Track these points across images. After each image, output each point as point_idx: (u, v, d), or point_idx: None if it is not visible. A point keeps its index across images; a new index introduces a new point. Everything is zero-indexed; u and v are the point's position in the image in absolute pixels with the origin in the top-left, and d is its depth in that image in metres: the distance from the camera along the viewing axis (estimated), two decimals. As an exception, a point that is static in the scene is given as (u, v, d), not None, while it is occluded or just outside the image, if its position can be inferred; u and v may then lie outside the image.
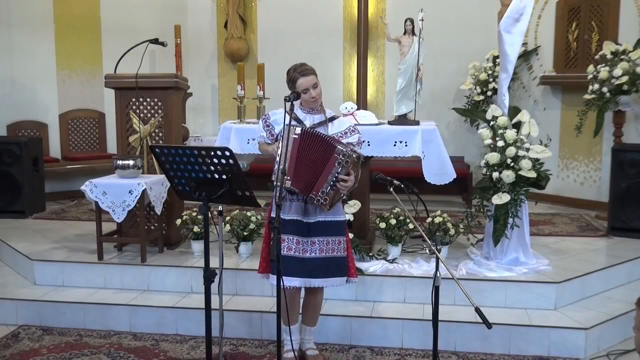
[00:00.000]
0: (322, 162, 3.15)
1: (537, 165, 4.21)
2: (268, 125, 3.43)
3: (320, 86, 3.35)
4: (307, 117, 3.36)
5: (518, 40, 4.38)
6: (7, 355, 3.79)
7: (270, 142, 3.42)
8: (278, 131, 3.37)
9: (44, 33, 7.21)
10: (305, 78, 3.28)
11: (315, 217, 3.30)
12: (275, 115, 3.42)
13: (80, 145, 7.55)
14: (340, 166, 3.11)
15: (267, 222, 3.46)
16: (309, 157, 3.16)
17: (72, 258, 4.68)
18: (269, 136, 3.42)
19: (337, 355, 3.79)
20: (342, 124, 3.41)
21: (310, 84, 3.28)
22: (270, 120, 3.43)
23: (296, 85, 3.29)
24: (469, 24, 7.27)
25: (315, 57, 4.55)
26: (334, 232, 3.35)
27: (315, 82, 3.31)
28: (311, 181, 3.17)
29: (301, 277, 3.30)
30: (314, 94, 3.30)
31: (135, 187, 4.43)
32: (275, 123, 3.40)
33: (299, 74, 3.30)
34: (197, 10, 8.21)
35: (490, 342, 3.80)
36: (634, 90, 5.60)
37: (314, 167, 3.16)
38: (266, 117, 3.47)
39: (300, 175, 3.16)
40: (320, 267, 3.31)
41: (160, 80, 4.90)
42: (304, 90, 3.28)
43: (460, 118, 7.36)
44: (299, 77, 3.29)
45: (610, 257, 4.75)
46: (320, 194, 3.15)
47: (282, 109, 3.41)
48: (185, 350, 3.89)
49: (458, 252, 4.70)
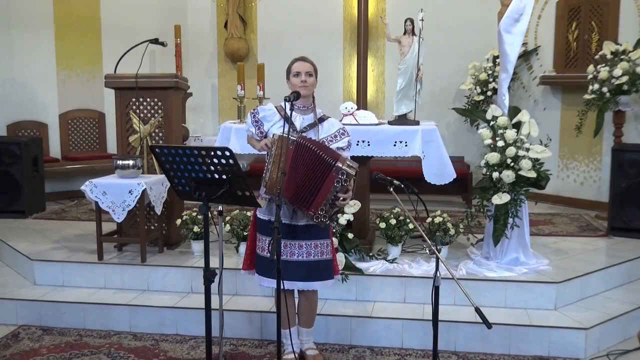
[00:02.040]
0: (319, 179, 3.08)
1: (537, 165, 4.21)
2: (257, 120, 3.37)
3: (315, 80, 3.32)
4: (297, 117, 3.31)
5: (518, 40, 4.38)
6: (7, 355, 3.79)
7: (259, 139, 3.37)
8: (267, 128, 3.34)
9: (44, 33, 7.21)
10: (299, 62, 3.29)
11: (302, 220, 3.28)
12: (265, 111, 3.39)
13: (80, 145, 7.55)
14: (339, 184, 3.05)
15: (253, 220, 3.46)
16: (303, 170, 3.11)
17: (72, 258, 4.68)
18: (258, 133, 3.37)
19: (337, 355, 3.79)
20: (332, 126, 3.35)
21: (303, 69, 3.27)
22: (260, 116, 3.38)
23: (290, 69, 3.29)
24: (469, 24, 7.27)
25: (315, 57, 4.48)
26: (321, 234, 3.33)
27: (310, 70, 3.28)
28: (306, 197, 3.11)
29: (289, 280, 3.28)
30: (304, 78, 3.26)
31: (135, 187, 4.43)
32: (265, 120, 3.36)
33: (296, 59, 3.31)
34: (197, 10, 8.22)
35: (490, 342, 3.80)
36: (634, 90, 5.60)
37: (310, 183, 3.10)
38: (255, 112, 3.41)
39: (290, 186, 3.11)
40: (306, 270, 3.30)
41: (160, 80, 4.90)
42: (295, 74, 3.27)
43: (460, 118, 7.36)
44: (295, 60, 3.30)
45: (610, 257, 4.75)
46: (319, 212, 3.10)
47: (271, 104, 3.42)
48: (185, 350, 3.89)
49: (458, 252, 4.70)
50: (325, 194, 3.07)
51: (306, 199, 3.12)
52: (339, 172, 3.04)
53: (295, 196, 3.14)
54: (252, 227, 3.45)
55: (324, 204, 3.09)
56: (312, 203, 3.11)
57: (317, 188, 3.09)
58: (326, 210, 3.11)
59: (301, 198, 3.13)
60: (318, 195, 3.09)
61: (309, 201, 3.11)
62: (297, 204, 3.16)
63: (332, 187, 3.06)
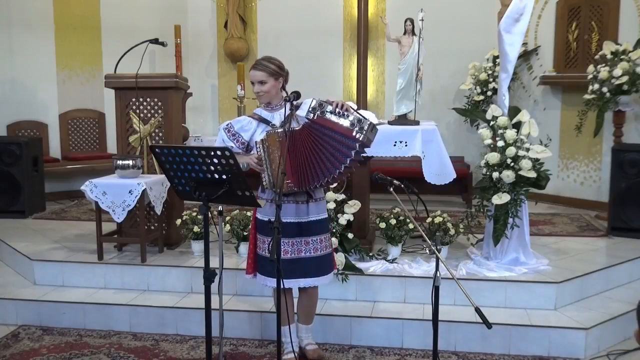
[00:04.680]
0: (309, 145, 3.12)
1: (537, 165, 4.21)
2: (234, 134, 3.32)
3: (273, 83, 3.26)
4: (274, 116, 3.31)
5: (518, 40, 4.38)
6: (7, 355, 3.79)
7: (241, 152, 3.31)
8: (248, 137, 3.31)
9: (44, 33, 7.21)
10: (251, 71, 3.27)
11: (307, 217, 3.31)
12: (239, 122, 3.35)
13: (80, 145, 7.55)
14: (314, 122, 3.08)
15: (252, 222, 3.45)
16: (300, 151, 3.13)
17: (72, 258, 4.68)
18: (240, 145, 3.32)
19: (337, 355, 3.79)
20: (305, 104, 3.24)
21: (255, 78, 3.26)
22: (236, 128, 3.32)
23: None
24: (469, 24, 7.26)
25: (316, 57, 4.52)
26: (323, 229, 3.38)
27: (262, 79, 3.24)
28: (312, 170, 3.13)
29: (296, 278, 3.31)
30: (256, 89, 3.26)
31: (135, 187, 4.43)
32: (242, 130, 3.32)
33: (253, 65, 3.30)
34: (197, 10, 8.22)
35: (490, 342, 3.80)
36: (634, 90, 5.60)
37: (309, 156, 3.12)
38: (228, 126, 3.34)
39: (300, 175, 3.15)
40: (314, 266, 3.33)
41: (160, 80, 4.90)
42: (251, 82, 3.27)
43: (460, 118, 7.36)
44: (250, 68, 3.29)
45: (610, 257, 4.75)
46: (327, 170, 3.11)
47: (244, 116, 3.42)
48: (185, 350, 3.89)
49: (458, 252, 4.70)
50: (318, 148, 3.09)
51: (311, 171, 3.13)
52: (307, 125, 3.09)
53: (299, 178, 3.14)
54: (253, 229, 3.45)
55: (324, 161, 3.09)
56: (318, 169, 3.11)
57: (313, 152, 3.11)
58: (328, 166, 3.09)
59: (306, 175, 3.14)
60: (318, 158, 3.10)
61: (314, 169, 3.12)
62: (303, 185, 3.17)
63: (317, 137, 3.08)
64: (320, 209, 3.38)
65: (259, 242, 3.37)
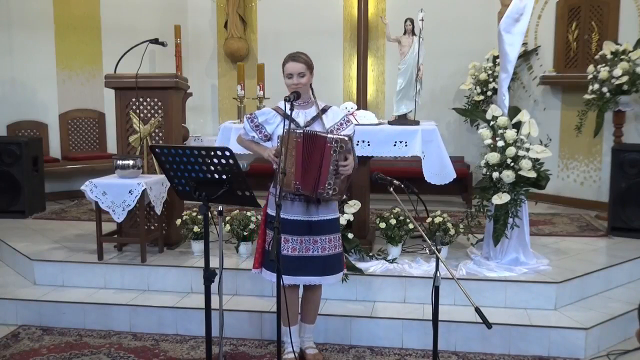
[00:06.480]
0: (320, 157, 3.15)
1: (537, 165, 4.21)
2: (257, 125, 3.39)
3: (309, 77, 3.32)
4: (299, 113, 3.33)
5: (518, 40, 4.38)
6: (7, 355, 3.79)
7: (261, 142, 3.40)
8: (271, 130, 3.37)
9: (44, 33, 7.21)
10: (290, 63, 3.29)
11: (317, 215, 3.33)
12: (264, 115, 3.40)
13: (80, 145, 7.55)
14: (336, 153, 3.13)
15: (263, 217, 3.47)
16: (311, 158, 3.17)
17: (72, 258, 4.68)
18: (262, 137, 3.40)
19: (337, 355, 3.79)
20: (337, 115, 3.39)
21: (294, 70, 3.27)
22: (260, 120, 3.39)
23: (283, 69, 3.31)
24: (469, 24, 7.27)
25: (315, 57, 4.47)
26: (333, 229, 3.39)
27: (302, 71, 3.28)
28: (315, 179, 3.18)
29: (304, 276, 3.33)
30: (295, 81, 3.28)
31: (135, 187, 4.43)
32: (266, 123, 3.38)
33: (290, 57, 3.32)
34: (197, 10, 8.21)
35: (490, 342, 3.80)
36: (634, 90, 5.60)
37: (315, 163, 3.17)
38: (252, 117, 3.42)
39: (307, 179, 3.18)
40: (322, 265, 3.34)
41: (160, 80, 4.90)
42: (288, 75, 3.29)
43: (460, 118, 7.36)
44: (288, 60, 3.31)
45: (610, 257, 4.75)
46: (327, 186, 3.16)
47: (268, 109, 3.43)
48: (185, 350, 3.89)
49: (458, 252, 4.70)
50: (327, 167, 3.14)
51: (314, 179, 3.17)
52: (331, 141, 3.13)
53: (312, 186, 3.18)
54: (262, 224, 3.46)
55: (329, 177, 3.15)
56: (319, 180, 3.16)
57: (320, 165, 3.15)
58: (333, 183, 3.17)
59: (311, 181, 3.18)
60: (322, 172, 3.14)
61: (316, 180, 3.16)
62: (310, 188, 3.19)
63: (330, 158, 3.13)
64: (331, 208, 3.39)
65: (268, 237, 3.37)
